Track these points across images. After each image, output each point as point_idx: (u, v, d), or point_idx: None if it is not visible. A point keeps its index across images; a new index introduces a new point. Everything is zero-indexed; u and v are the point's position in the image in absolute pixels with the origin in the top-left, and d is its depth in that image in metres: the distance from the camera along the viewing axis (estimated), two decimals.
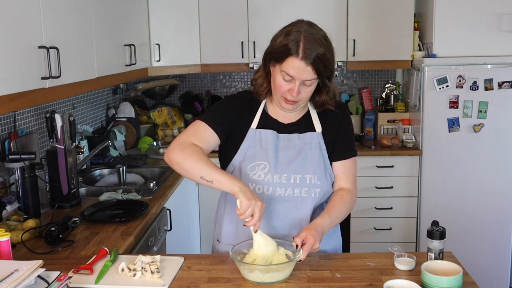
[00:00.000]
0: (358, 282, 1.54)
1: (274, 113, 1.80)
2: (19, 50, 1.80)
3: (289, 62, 1.61)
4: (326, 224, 1.65)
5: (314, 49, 1.59)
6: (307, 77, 1.62)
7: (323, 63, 1.61)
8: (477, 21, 3.46)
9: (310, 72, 1.61)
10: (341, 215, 1.74)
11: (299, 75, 1.61)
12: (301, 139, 1.76)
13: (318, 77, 1.64)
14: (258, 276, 1.52)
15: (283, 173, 1.73)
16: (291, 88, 1.64)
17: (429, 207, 3.55)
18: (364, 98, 4.18)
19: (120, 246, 1.92)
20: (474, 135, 3.44)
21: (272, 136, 1.75)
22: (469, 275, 1.57)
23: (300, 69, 1.60)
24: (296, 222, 1.74)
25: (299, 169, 1.74)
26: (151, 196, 2.58)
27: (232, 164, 1.78)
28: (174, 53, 3.76)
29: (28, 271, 1.42)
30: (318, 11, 3.70)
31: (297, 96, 1.66)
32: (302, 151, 1.75)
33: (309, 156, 1.75)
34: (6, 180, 2.27)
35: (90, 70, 2.46)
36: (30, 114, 2.65)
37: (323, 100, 1.75)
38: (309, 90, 1.67)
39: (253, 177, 1.73)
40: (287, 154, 1.75)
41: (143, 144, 3.81)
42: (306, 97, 1.70)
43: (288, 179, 1.73)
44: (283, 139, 1.76)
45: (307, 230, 1.58)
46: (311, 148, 1.76)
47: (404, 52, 3.73)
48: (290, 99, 1.67)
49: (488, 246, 3.50)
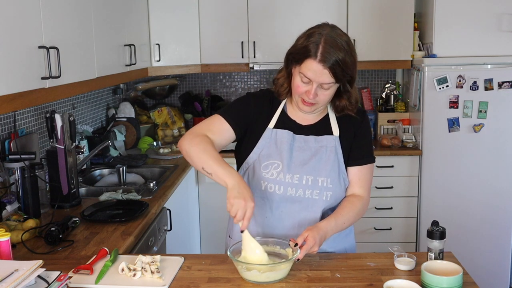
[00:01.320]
0: (358, 282, 1.54)
1: (293, 114, 1.80)
2: (19, 50, 1.80)
3: (308, 64, 1.60)
4: (330, 228, 1.64)
5: (333, 53, 1.58)
6: (325, 80, 1.61)
7: (341, 67, 1.59)
8: (477, 21, 3.46)
9: (327, 75, 1.60)
10: (348, 221, 1.73)
11: (316, 78, 1.61)
12: (317, 142, 1.76)
13: (337, 82, 1.63)
14: (256, 275, 1.52)
15: (296, 174, 1.73)
16: (308, 90, 1.64)
17: (429, 207, 3.55)
18: (364, 98, 4.18)
19: (120, 246, 1.92)
20: (474, 135, 3.44)
21: (288, 136, 1.75)
22: (469, 275, 1.57)
23: (317, 72, 1.60)
24: (305, 223, 1.74)
25: (312, 170, 1.74)
26: (151, 196, 2.58)
27: (247, 162, 1.79)
28: (174, 53, 3.76)
29: (28, 271, 1.42)
30: (318, 11, 3.71)
31: (314, 99, 1.66)
32: (317, 154, 1.75)
33: (323, 159, 1.74)
34: (6, 180, 2.27)
35: (90, 70, 2.46)
36: (30, 114, 2.65)
37: (343, 105, 1.74)
38: (327, 94, 1.66)
39: (266, 176, 1.74)
40: (302, 155, 1.75)
41: (143, 144, 3.81)
42: (324, 100, 1.69)
43: (300, 180, 1.73)
44: (299, 140, 1.76)
45: (310, 231, 1.58)
46: (326, 151, 1.75)
47: (404, 52, 3.73)
48: (307, 101, 1.67)
49: (488, 246, 3.50)
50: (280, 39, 3.63)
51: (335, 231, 1.68)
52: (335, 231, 1.68)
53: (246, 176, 1.80)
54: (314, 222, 1.73)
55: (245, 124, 1.77)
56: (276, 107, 1.80)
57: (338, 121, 1.79)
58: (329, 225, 1.64)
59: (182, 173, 3.11)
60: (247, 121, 1.77)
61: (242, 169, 1.81)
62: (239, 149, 1.84)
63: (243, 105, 1.80)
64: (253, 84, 4.30)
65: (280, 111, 1.79)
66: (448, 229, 1.69)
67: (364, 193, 1.80)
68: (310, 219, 1.74)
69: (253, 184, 1.77)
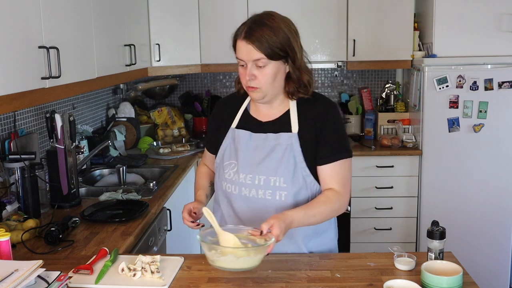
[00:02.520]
0: (358, 282, 1.54)
1: (255, 112, 1.81)
2: (19, 50, 1.80)
3: (237, 46, 1.67)
4: (297, 219, 1.57)
5: (257, 29, 1.62)
6: (254, 56, 1.62)
7: (267, 41, 1.61)
8: (477, 21, 3.46)
9: (253, 50, 1.62)
10: (320, 215, 1.64)
11: (246, 56, 1.64)
12: (275, 139, 1.72)
13: (268, 57, 1.62)
14: (231, 261, 1.48)
15: (249, 174, 1.73)
16: (246, 73, 1.66)
17: (429, 207, 3.55)
18: (364, 98, 4.18)
19: (120, 246, 1.92)
20: (474, 135, 3.44)
21: (244, 136, 1.76)
22: (469, 275, 1.57)
23: (244, 49, 1.63)
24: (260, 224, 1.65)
25: (265, 170, 1.71)
26: (151, 196, 2.58)
27: (215, 163, 1.85)
28: (174, 53, 3.76)
29: (28, 271, 1.42)
30: (318, 11, 3.71)
31: (254, 81, 1.65)
32: (272, 152, 1.71)
33: (277, 158, 1.70)
34: (6, 180, 2.27)
35: (90, 70, 2.46)
36: (30, 114, 2.65)
37: (293, 90, 1.71)
38: (266, 73, 1.64)
39: (225, 176, 1.79)
40: (258, 154, 1.73)
41: (143, 144, 3.81)
42: (265, 82, 1.65)
43: (253, 180, 1.72)
44: (257, 138, 1.75)
45: (276, 219, 1.51)
46: (281, 149, 1.70)
47: (404, 52, 3.72)
48: (249, 84, 1.67)
49: (488, 246, 3.50)
50: None
51: (303, 223, 1.61)
52: (303, 223, 1.61)
53: (216, 176, 1.88)
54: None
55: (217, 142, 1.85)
56: (240, 107, 1.83)
57: (300, 117, 1.73)
58: (296, 215, 1.57)
59: (182, 173, 3.11)
60: (217, 138, 1.85)
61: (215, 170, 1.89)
62: None
63: (209, 127, 1.96)
64: None
65: (243, 111, 1.82)
66: (448, 229, 1.69)
67: (339, 188, 1.69)
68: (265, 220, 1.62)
69: (218, 184, 1.84)
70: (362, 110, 4.16)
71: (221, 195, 1.84)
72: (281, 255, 1.75)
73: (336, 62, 3.83)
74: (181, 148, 3.66)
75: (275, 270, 1.62)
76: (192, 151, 3.63)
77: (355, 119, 4.10)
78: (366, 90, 4.19)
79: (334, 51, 3.80)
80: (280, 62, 1.66)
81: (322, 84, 4.28)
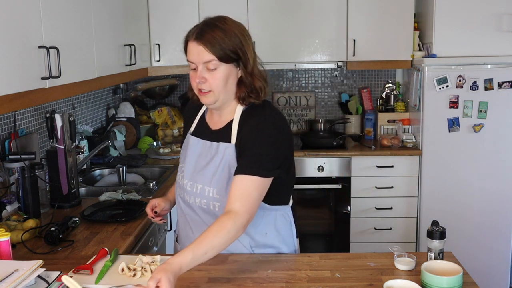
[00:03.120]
0: (358, 282, 1.54)
1: (210, 119, 1.80)
2: (19, 50, 1.80)
3: (188, 48, 1.67)
4: (185, 263, 1.40)
5: (208, 30, 1.62)
6: (204, 57, 1.60)
7: (218, 43, 1.59)
8: (477, 21, 3.46)
9: (204, 51, 1.60)
10: (212, 249, 1.45)
11: (196, 58, 1.63)
12: (213, 148, 1.70)
13: (220, 59, 1.60)
14: None
15: (190, 181, 1.74)
16: (197, 75, 1.64)
17: (429, 207, 3.55)
18: (364, 98, 4.18)
19: (120, 246, 1.92)
20: (474, 135, 3.44)
21: (193, 142, 1.78)
22: (469, 275, 1.57)
23: (195, 51, 1.63)
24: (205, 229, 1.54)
25: (201, 179, 1.70)
26: (151, 196, 2.58)
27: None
28: (174, 53, 3.76)
29: (28, 271, 1.42)
30: (318, 11, 3.71)
31: (206, 84, 1.63)
32: (211, 161, 1.69)
33: (213, 168, 1.68)
34: (6, 180, 2.27)
35: (90, 70, 2.45)
36: (30, 114, 2.65)
37: (243, 95, 1.67)
38: (217, 77, 1.62)
39: (178, 179, 1.83)
40: (200, 162, 1.73)
41: (143, 144, 3.81)
42: (216, 85, 1.62)
43: (192, 187, 1.73)
44: (203, 146, 1.74)
45: (162, 273, 1.33)
46: (218, 159, 1.68)
47: (404, 52, 3.72)
48: (200, 87, 1.64)
49: (488, 246, 3.50)
50: (280, 39, 3.64)
51: (194, 264, 1.43)
52: (194, 264, 1.43)
53: None
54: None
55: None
56: (197, 114, 1.84)
57: (240, 127, 1.67)
58: (184, 260, 1.40)
59: None
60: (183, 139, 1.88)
61: None
62: None
63: (183, 125, 1.95)
64: None
65: (200, 117, 1.83)
66: (448, 229, 1.69)
67: (240, 208, 1.52)
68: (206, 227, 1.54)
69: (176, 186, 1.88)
70: (362, 110, 4.16)
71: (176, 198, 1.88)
72: (281, 255, 1.75)
73: (336, 62, 3.83)
74: None
75: (275, 270, 1.62)
76: None
77: (355, 119, 4.10)
78: (366, 90, 4.19)
79: (334, 51, 3.80)
80: (232, 65, 1.64)
81: (322, 84, 4.28)
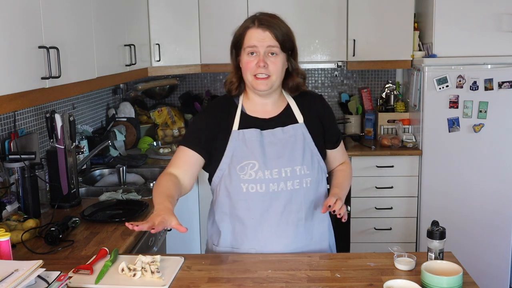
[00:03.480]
0: (358, 282, 1.54)
1: (253, 111, 1.81)
2: (19, 50, 1.80)
3: (249, 34, 1.72)
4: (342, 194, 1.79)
5: (270, 19, 1.73)
6: (269, 42, 1.69)
7: (281, 30, 1.71)
8: (477, 21, 3.46)
9: (270, 37, 1.70)
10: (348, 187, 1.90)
11: (260, 42, 1.70)
12: (285, 133, 1.78)
13: (281, 48, 1.70)
14: None
15: (274, 168, 1.74)
16: (258, 59, 1.70)
17: (429, 207, 3.55)
18: (364, 98, 4.18)
19: (120, 246, 1.92)
20: (474, 135, 3.44)
21: (256, 134, 1.76)
22: (469, 275, 1.57)
23: (259, 36, 1.70)
24: (291, 215, 1.77)
25: (288, 162, 1.75)
26: (151, 196, 2.56)
27: (220, 169, 1.78)
28: (174, 53, 3.76)
29: (28, 271, 1.42)
30: (318, 11, 3.71)
31: (266, 69, 1.70)
32: (288, 144, 1.77)
33: (295, 148, 1.77)
34: (6, 180, 2.27)
35: (90, 70, 2.46)
36: (30, 114, 2.65)
37: (296, 83, 1.81)
38: (277, 62, 1.72)
39: (244, 177, 1.74)
40: (274, 149, 1.76)
41: (143, 144, 3.81)
42: (276, 71, 1.72)
43: (279, 174, 1.74)
44: (268, 135, 1.77)
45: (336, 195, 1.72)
46: (296, 140, 1.78)
47: (404, 52, 3.72)
48: (260, 72, 1.70)
49: (488, 246, 3.50)
50: None
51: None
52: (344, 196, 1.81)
53: (223, 183, 1.78)
54: (299, 213, 1.77)
55: (207, 142, 1.78)
56: (234, 110, 1.81)
57: (299, 108, 1.83)
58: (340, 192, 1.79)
59: None
60: (208, 138, 1.78)
61: (216, 178, 1.80)
62: (209, 161, 1.81)
63: (199, 124, 1.84)
64: None
65: (240, 113, 1.81)
66: (448, 229, 1.69)
67: (346, 159, 1.98)
68: (295, 211, 1.77)
69: (232, 189, 1.77)
70: (362, 110, 4.16)
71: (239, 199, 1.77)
72: (281, 255, 1.75)
73: (336, 62, 3.83)
74: None
75: (275, 270, 1.62)
76: None
77: (355, 119, 4.10)
78: (366, 90, 4.19)
79: (334, 51, 3.80)
80: (285, 56, 1.75)
81: (322, 84, 4.28)
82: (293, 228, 1.78)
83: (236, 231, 1.80)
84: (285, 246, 1.78)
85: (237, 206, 1.78)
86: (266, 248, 1.77)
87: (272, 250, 1.77)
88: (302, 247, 1.79)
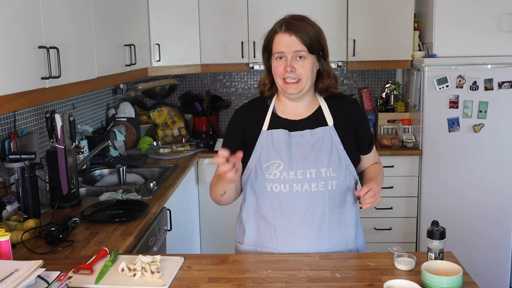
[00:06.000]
0: (358, 282, 1.54)
1: (284, 113, 1.82)
2: (19, 50, 1.80)
3: (276, 40, 1.72)
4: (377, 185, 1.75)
5: (297, 23, 1.73)
6: (295, 47, 1.70)
7: (308, 34, 1.72)
8: (477, 21, 3.46)
9: (296, 42, 1.70)
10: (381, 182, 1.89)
11: (287, 48, 1.70)
12: (313, 135, 1.78)
13: (309, 50, 1.71)
14: None
15: (299, 169, 1.75)
16: (286, 64, 1.71)
17: (429, 207, 3.55)
18: (364, 98, 4.18)
19: (120, 246, 1.92)
20: (474, 135, 3.44)
21: (284, 135, 1.77)
22: (469, 275, 1.57)
23: (286, 41, 1.70)
24: (315, 217, 1.76)
25: (313, 163, 1.75)
26: (151, 196, 2.58)
27: (248, 167, 1.80)
28: (174, 53, 3.76)
29: (28, 271, 1.41)
30: (318, 11, 3.70)
31: (294, 73, 1.71)
32: (315, 146, 1.76)
33: (322, 150, 1.76)
34: (6, 180, 2.27)
35: (90, 70, 2.46)
36: (30, 114, 2.65)
37: (326, 85, 1.81)
38: (305, 65, 1.72)
39: (269, 177, 1.76)
40: (301, 150, 1.76)
41: (143, 144, 3.81)
42: (304, 74, 1.72)
43: (304, 174, 1.74)
44: (295, 136, 1.78)
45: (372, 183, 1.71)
46: (323, 142, 1.77)
47: (404, 52, 3.72)
48: (289, 76, 1.71)
49: (488, 246, 3.50)
50: None
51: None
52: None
53: (250, 182, 1.81)
54: (323, 216, 1.76)
55: (240, 143, 1.81)
56: (266, 110, 1.83)
57: (331, 111, 1.83)
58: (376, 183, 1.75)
59: (182, 173, 3.11)
60: (240, 139, 1.82)
61: (244, 176, 1.82)
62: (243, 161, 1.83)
63: (232, 128, 1.90)
64: (253, 84, 4.29)
65: (271, 113, 1.82)
66: (448, 229, 1.69)
67: (378, 159, 1.99)
68: (319, 214, 1.76)
69: (257, 188, 1.79)
70: None
71: (264, 198, 1.80)
72: (281, 255, 1.75)
73: (336, 62, 3.83)
74: (181, 148, 3.66)
75: (275, 270, 1.62)
76: (192, 151, 3.63)
77: None
78: (366, 90, 4.19)
79: (334, 51, 3.78)
80: (315, 57, 1.75)
81: None
82: (316, 231, 1.77)
83: (260, 230, 1.82)
84: (308, 247, 1.77)
85: (261, 205, 1.80)
86: (289, 248, 1.78)
87: (295, 251, 1.77)
88: (325, 250, 1.79)
